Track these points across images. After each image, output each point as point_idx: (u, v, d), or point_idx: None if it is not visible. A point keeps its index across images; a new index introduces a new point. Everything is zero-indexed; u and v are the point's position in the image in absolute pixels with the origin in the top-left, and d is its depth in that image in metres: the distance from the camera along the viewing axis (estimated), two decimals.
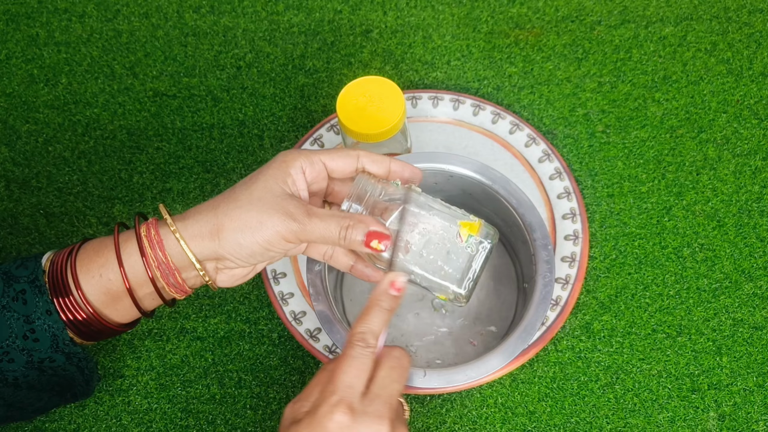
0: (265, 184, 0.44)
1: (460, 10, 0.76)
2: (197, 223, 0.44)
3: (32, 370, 0.45)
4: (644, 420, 0.59)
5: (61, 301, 0.44)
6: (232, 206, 0.44)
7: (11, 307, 0.43)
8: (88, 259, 0.45)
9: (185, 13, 0.78)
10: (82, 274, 0.44)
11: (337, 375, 0.42)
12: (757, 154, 0.68)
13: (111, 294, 0.45)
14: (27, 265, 0.45)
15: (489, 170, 0.58)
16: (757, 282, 0.63)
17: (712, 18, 0.74)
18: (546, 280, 0.54)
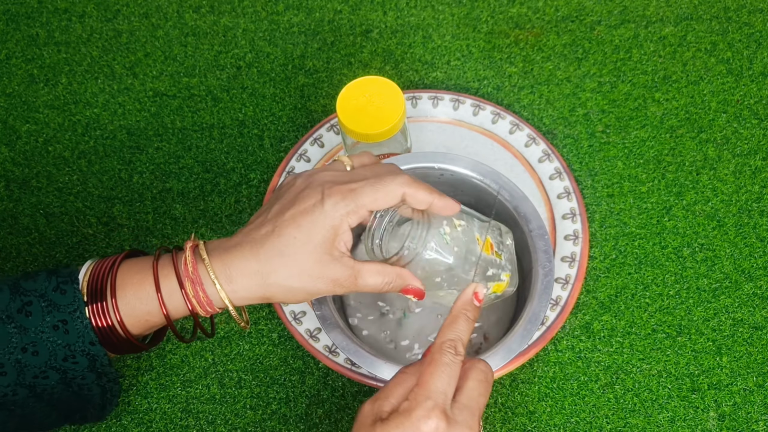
0: (314, 254, 0.44)
1: (460, 10, 0.76)
2: (245, 289, 0.45)
3: (61, 385, 0.45)
4: (644, 420, 0.59)
5: (94, 306, 0.44)
6: (281, 278, 0.44)
7: (52, 334, 0.43)
8: (131, 289, 0.45)
9: (185, 13, 0.78)
10: (121, 302, 0.45)
11: (429, 380, 0.42)
12: (757, 154, 0.68)
13: (148, 326, 0.46)
14: (65, 289, 0.44)
15: (480, 165, 0.58)
16: (757, 282, 0.63)
17: (712, 18, 0.74)
18: (546, 270, 0.54)
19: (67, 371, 0.45)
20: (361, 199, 0.44)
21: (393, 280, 0.47)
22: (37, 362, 0.44)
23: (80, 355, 0.44)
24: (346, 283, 0.46)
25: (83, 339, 0.44)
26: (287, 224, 0.44)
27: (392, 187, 0.45)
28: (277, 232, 0.44)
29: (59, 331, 0.43)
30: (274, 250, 0.44)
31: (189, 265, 0.44)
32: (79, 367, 0.45)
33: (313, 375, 0.62)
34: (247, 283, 0.44)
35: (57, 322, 0.43)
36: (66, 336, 0.43)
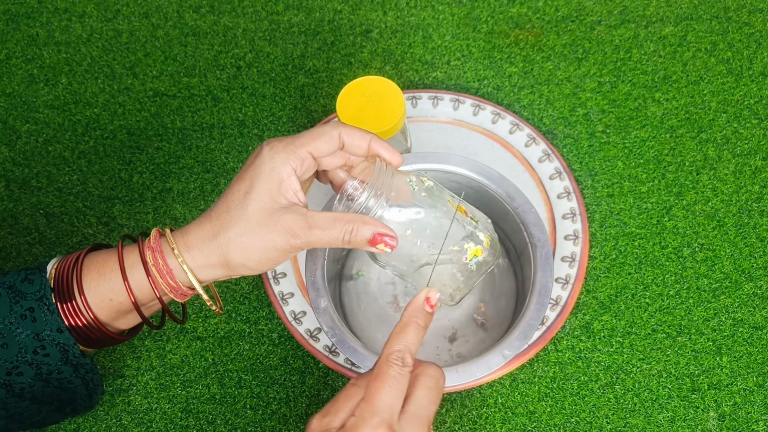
0: (260, 202, 0.43)
1: (460, 10, 0.76)
2: (202, 253, 0.44)
3: (39, 381, 0.45)
4: (644, 420, 0.59)
5: (65, 306, 0.44)
6: (232, 233, 0.43)
7: (20, 324, 0.43)
8: (96, 273, 0.44)
9: (185, 13, 0.78)
10: (86, 286, 0.44)
11: (375, 394, 0.41)
12: (757, 153, 0.68)
13: (115, 309, 0.45)
14: (32, 279, 0.44)
15: (478, 165, 0.58)
16: (757, 282, 0.63)
17: (712, 18, 0.74)
18: (541, 242, 0.54)
19: (41, 365, 0.44)
20: (299, 140, 0.44)
21: (354, 229, 0.44)
22: (7, 355, 0.43)
23: (50, 345, 0.44)
24: (301, 232, 0.43)
25: (50, 326, 0.43)
26: (233, 183, 0.44)
27: (328, 129, 0.44)
28: (224, 193, 0.44)
29: (27, 320, 0.43)
30: (223, 207, 0.44)
31: (152, 240, 0.44)
32: (52, 360, 0.44)
33: (313, 375, 0.62)
34: (205, 248, 0.44)
35: (24, 311, 0.43)
36: (34, 324, 0.43)
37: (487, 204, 0.59)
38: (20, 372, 0.44)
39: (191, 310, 0.64)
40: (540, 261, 0.54)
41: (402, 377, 0.41)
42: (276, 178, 0.43)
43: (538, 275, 0.54)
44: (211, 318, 0.64)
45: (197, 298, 0.64)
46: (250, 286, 0.65)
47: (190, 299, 0.64)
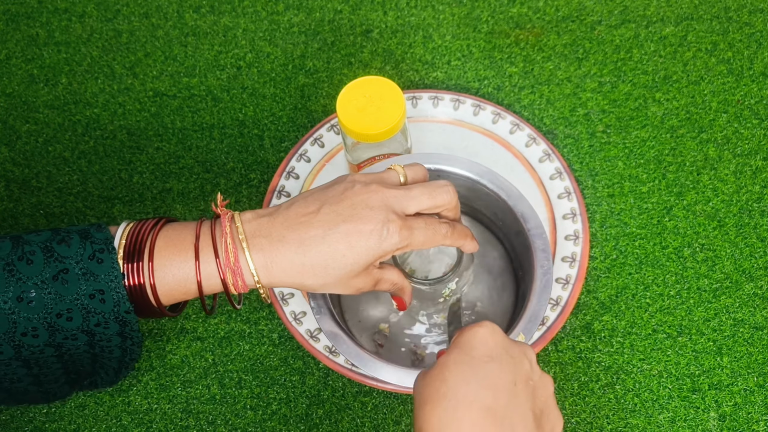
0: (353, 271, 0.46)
1: (460, 10, 0.76)
2: (281, 273, 0.46)
3: (83, 334, 0.45)
4: (645, 420, 0.59)
5: (130, 265, 0.45)
6: (318, 272, 0.46)
7: (85, 265, 0.44)
8: (166, 250, 0.45)
9: (185, 13, 0.78)
10: (157, 256, 0.45)
11: None
12: (757, 154, 0.68)
13: (179, 287, 0.46)
14: (101, 258, 0.45)
15: (476, 165, 0.58)
16: (758, 282, 0.63)
17: (713, 18, 0.74)
18: (544, 269, 0.54)
19: (96, 334, 0.45)
20: (414, 240, 0.47)
21: (399, 291, 0.52)
22: (70, 326, 0.44)
23: (113, 321, 0.45)
24: (365, 289, 0.49)
25: (119, 308, 0.44)
26: (339, 239, 0.45)
27: (439, 237, 0.49)
28: (327, 242, 0.45)
29: (95, 299, 0.44)
30: (320, 260, 0.45)
31: (230, 255, 0.45)
32: (110, 332, 0.45)
33: (314, 375, 0.62)
34: (284, 280, 0.46)
35: (94, 291, 0.44)
36: (102, 305, 0.44)
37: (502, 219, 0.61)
38: (76, 338, 0.45)
39: (191, 310, 0.64)
40: (538, 286, 0.55)
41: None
42: (378, 258, 0.47)
43: (533, 301, 0.54)
44: (211, 318, 0.64)
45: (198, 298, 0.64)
46: None
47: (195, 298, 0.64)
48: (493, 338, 0.42)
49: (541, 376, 0.43)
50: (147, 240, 0.45)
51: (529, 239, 0.56)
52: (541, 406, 0.41)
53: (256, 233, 0.46)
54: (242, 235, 0.45)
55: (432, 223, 0.48)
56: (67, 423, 0.61)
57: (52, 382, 0.50)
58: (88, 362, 0.49)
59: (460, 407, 0.38)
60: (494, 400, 0.39)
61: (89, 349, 0.47)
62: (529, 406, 0.40)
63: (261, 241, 0.45)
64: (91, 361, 0.49)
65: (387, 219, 0.46)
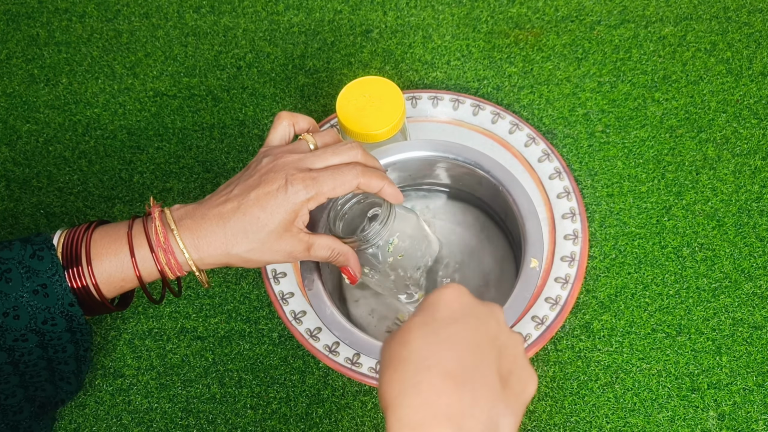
0: (274, 233, 0.49)
1: (460, 10, 0.76)
2: (209, 247, 0.49)
3: (32, 334, 0.47)
4: (644, 419, 0.59)
5: (71, 271, 0.47)
6: (242, 249, 0.49)
7: (33, 298, 0.46)
8: (102, 247, 0.48)
9: (185, 13, 0.78)
10: (94, 256, 0.48)
11: None
12: (756, 153, 0.68)
13: (118, 281, 0.49)
14: (42, 255, 0.47)
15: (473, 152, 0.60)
16: (757, 281, 0.63)
17: (712, 18, 0.74)
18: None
19: (45, 333, 0.48)
20: (321, 187, 0.49)
21: (338, 256, 0.53)
22: (17, 325, 0.47)
23: (59, 316, 0.47)
24: (300, 254, 0.51)
25: (62, 301, 0.47)
26: (252, 204, 0.49)
27: (349, 177, 0.50)
28: (242, 210, 0.49)
29: (39, 295, 0.46)
30: (239, 226, 0.49)
31: (160, 236, 0.48)
32: (58, 328, 0.48)
33: (314, 374, 0.62)
34: (212, 252, 0.49)
35: (37, 286, 0.46)
36: (46, 299, 0.46)
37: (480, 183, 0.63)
38: (26, 339, 0.47)
39: (191, 310, 0.64)
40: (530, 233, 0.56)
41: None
42: (294, 215, 0.49)
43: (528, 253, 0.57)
44: (212, 317, 0.64)
45: (197, 298, 0.64)
46: (251, 286, 0.65)
47: (195, 298, 0.65)
48: (458, 300, 0.41)
49: (509, 335, 0.42)
50: (82, 243, 0.48)
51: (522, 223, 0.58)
52: (509, 366, 0.40)
53: (182, 217, 0.50)
54: (170, 219, 0.49)
55: (338, 168, 0.50)
56: (67, 422, 0.61)
57: (15, 410, 0.52)
58: (45, 373, 0.51)
59: (420, 371, 0.38)
60: (456, 362, 0.38)
61: (43, 353, 0.49)
62: (494, 367, 0.39)
63: (187, 221, 0.49)
64: (48, 371, 0.51)
65: (289, 175, 0.49)
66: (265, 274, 0.63)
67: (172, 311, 0.64)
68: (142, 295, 0.65)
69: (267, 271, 0.63)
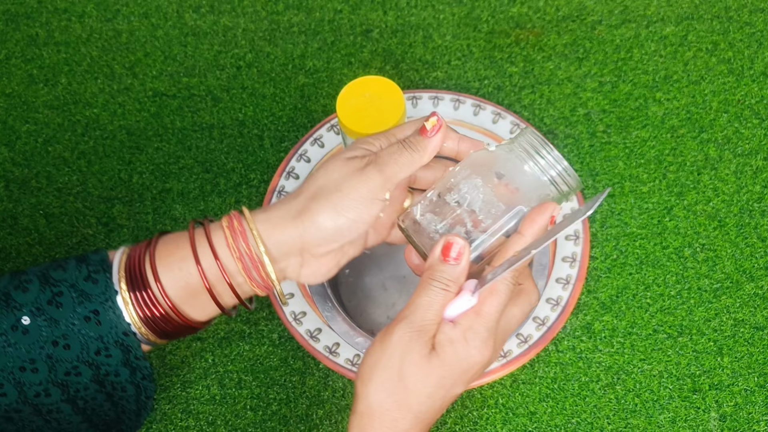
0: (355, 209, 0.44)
1: (460, 10, 0.76)
2: (279, 210, 0.44)
3: (95, 384, 0.44)
4: (645, 420, 0.59)
5: (138, 295, 0.43)
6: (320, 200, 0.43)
7: (84, 326, 0.42)
8: (167, 252, 0.44)
9: (185, 12, 0.78)
10: (161, 267, 0.43)
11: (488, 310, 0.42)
12: (758, 153, 0.68)
13: (190, 289, 0.44)
14: (96, 279, 0.43)
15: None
16: (759, 282, 0.63)
17: (713, 17, 0.74)
18: None
19: (100, 366, 0.43)
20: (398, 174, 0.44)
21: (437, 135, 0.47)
22: (68, 356, 0.42)
23: (113, 346, 0.43)
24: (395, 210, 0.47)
25: (116, 330, 0.43)
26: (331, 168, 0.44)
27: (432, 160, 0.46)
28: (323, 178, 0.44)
29: (91, 322, 0.42)
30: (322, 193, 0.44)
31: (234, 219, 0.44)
32: (113, 361, 0.43)
33: (314, 376, 0.62)
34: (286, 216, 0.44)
35: (89, 313, 0.42)
36: (98, 327, 0.42)
37: None
38: (79, 372, 0.43)
39: None
40: None
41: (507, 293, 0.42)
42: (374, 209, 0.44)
43: None
44: None
45: None
46: None
47: None
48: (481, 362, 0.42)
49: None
50: (145, 262, 0.43)
51: None
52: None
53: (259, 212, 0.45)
54: (255, 231, 0.44)
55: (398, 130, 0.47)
56: None
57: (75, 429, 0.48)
58: (108, 407, 0.47)
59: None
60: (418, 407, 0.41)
61: (99, 388, 0.45)
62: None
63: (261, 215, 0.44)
64: (111, 405, 0.47)
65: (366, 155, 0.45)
66: None
67: None
68: None
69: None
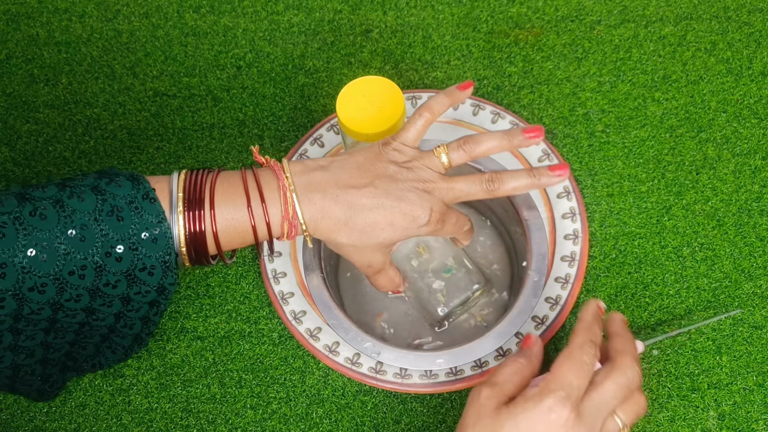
0: (381, 245, 0.50)
1: (459, 10, 0.76)
2: (325, 226, 0.49)
3: (124, 278, 0.46)
4: (644, 419, 0.59)
5: (190, 214, 0.46)
6: (353, 237, 0.50)
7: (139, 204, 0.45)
8: (226, 198, 0.48)
9: (185, 12, 0.78)
10: (218, 204, 0.47)
11: (566, 373, 0.44)
12: (756, 153, 0.68)
13: (233, 230, 0.48)
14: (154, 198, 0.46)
15: None
16: (757, 281, 0.63)
17: (712, 17, 0.74)
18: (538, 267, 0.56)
19: (135, 284, 0.46)
20: (443, 231, 0.52)
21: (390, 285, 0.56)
22: (117, 268, 0.45)
23: (160, 266, 0.46)
24: (374, 270, 0.53)
25: (169, 252, 0.46)
26: (385, 213, 0.49)
27: (464, 232, 0.55)
28: (374, 212, 0.49)
29: (148, 240, 0.45)
30: (362, 224, 0.49)
31: (289, 208, 0.48)
32: (153, 280, 0.46)
33: (314, 374, 0.62)
34: (324, 232, 0.49)
35: (146, 229, 0.45)
36: (154, 246, 0.45)
37: None
38: (117, 284, 0.45)
39: (191, 310, 0.64)
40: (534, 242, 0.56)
41: (590, 366, 0.44)
42: (404, 239, 0.51)
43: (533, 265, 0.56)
44: (212, 317, 0.64)
45: (197, 298, 0.64)
46: (251, 286, 0.65)
47: (195, 298, 0.65)
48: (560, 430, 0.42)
49: None
50: (206, 188, 0.47)
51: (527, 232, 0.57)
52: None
53: (310, 187, 0.48)
54: (292, 186, 0.48)
55: (461, 219, 0.53)
56: (67, 422, 0.61)
57: (53, 363, 0.51)
58: (98, 338, 0.50)
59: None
60: None
61: (113, 322, 0.48)
62: None
63: (315, 195, 0.48)
64: (102, 337, 0.50)
65: (431, 209, 0.49)
66: (265, 274, 0.63)
67: (172, 311, 0.64)
68: None
69: (267, 271, 0.63)
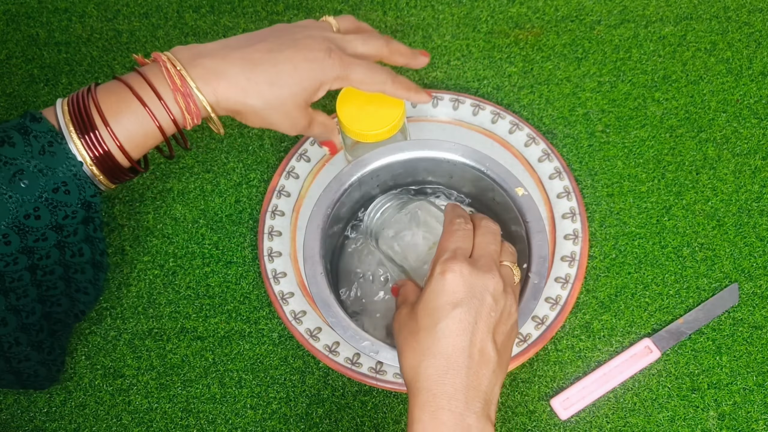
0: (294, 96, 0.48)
1: (459, 10, 0.76)
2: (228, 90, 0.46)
3: (51, 232, 0.45)
4: (644, 419, 0.59)
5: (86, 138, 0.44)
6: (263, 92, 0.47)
7: (40, 163, 0.43)
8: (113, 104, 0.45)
9: (185, 13, 0.78)
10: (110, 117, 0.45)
11: (444, 243, 0.47)
12: (756, 153, 0.68)
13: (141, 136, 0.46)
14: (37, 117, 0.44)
15: (476, 153, 0.59)
16: (757, 281, 0.63)
17: (712, 17, 0.74)
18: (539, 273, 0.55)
19: (64, 228, 0.45)
20: (354, 74, 0.50)
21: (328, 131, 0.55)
22: (39, 225, 0.44)
23: (80, 209, 0.45)
24: (300, 128, 0.51)
25: (84, 194, 0.45)
26: (284, 60, 0.47)
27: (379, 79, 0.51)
28: (272, 62, 0.47)
29: (59, 192, 0.44)
30: (265, 76, 0.47)
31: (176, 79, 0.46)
32: (76, 221, 0.45)
33: (314, 374, 0.62)
34: (229, 96, 0.47)
35: (56, 185, 0.44)
36: (67, 196, 0.44)
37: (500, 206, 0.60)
38: (45, 237, 0.45)
39: (191, 310, 0.64)
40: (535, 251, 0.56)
41: (464, 230, 0.48)
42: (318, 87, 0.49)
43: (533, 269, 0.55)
44: (212, 318, 0.64)
45: (197, 298, 0.64)
46: (251, 286, 0.65)
47: (195, 298, 0.65)
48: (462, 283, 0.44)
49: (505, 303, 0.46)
50: (90, 106, 0.45)
51: (529, 234, 0.57)
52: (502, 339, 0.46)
53: (195, 57, 0.47)
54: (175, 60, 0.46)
55: (372, 65, 0.51)
56: (67, 422, 0.61)
57: (37, 329, 0.50)
58: (61, 284, 0.49)
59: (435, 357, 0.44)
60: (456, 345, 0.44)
61: (60, 256, 0.47)
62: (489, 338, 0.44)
63: (203, 60, 0.46)
64: (65, 282, 0.49)
65: (330, 48, 0.48)
66: (265, 274, 0.63)
67: (172, 311, 0.64)
68: (141, 295, 0.65)
69: (267, 271, 0.63)
